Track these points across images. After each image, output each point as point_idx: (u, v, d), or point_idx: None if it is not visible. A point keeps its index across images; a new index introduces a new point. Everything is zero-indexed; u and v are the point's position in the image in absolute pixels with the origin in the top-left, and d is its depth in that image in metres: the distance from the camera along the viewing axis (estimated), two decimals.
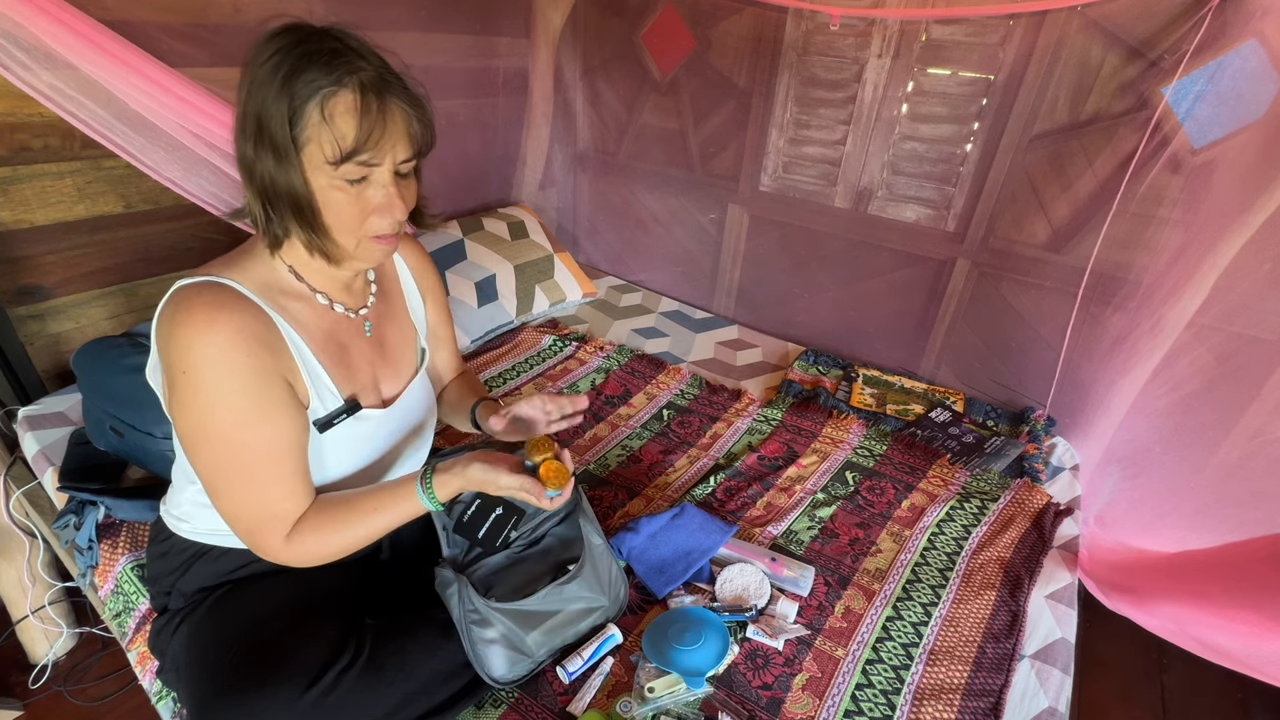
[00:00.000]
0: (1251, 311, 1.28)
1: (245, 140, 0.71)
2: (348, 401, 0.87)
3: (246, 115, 0.69)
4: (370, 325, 0.94)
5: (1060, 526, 1.37)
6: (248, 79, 0.69)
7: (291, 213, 0.73)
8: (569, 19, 2.20)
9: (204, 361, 0.72)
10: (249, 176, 0.73)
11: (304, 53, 0.67)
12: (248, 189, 0.74)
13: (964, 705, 1.01)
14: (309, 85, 0.66)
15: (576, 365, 1.88)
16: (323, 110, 0.67)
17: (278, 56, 0.67)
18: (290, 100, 0.66)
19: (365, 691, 0.83)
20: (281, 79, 0.66)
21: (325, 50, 0.67)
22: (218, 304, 0.74)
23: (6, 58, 1.07)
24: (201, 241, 1.65)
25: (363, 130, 0.69)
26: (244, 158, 0.72)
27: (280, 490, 0.80)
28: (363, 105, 0.68)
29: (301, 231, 0.75)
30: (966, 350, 1.90)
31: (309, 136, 0.68)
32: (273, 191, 0.72)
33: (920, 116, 1.76)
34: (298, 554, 0.82)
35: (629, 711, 0.94)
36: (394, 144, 0.72)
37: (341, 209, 0.73)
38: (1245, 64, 1.28)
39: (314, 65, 0.66)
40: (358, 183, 0.73)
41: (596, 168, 2.47)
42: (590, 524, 1.11)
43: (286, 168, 0.69)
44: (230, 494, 0.79)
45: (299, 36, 0.68)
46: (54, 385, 1.53)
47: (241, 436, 0.75)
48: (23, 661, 1.54)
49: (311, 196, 0.72)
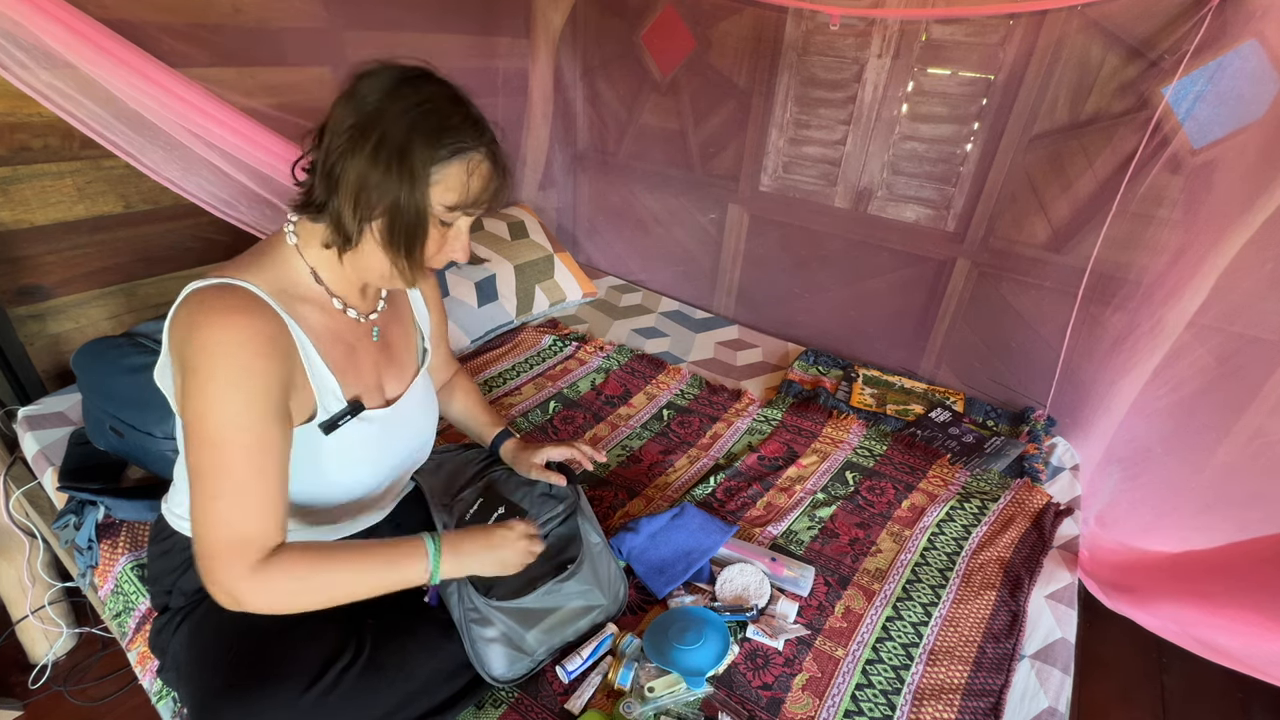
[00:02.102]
0: (1251, 311, 1.29)
1: (373, 163, 0.75)
2: (351, 403, 0.88)
3: (384, 143, 0.74)
4: (378, 331, 0.96)
5: (1060, 526, 1.37)
6: (386, 112, 0.75)
7: (404, 235, 0.79)
8: (569, 19, 2.20)
9: (216, 360, 0.73)
10: (358, 190, 0.76)
11: (454, 112, 0.78)
12: (345, 197, 0.77)
13: (964, 705, 1.01)
14: (460, 143, 0.77)
15: (576, 365, 1.88)
16: (468, 168, 0.79)
17: (427, 105, 0.76)
18: (438, 148, 0.76)
19: (366, 691, 0.83)
20: (435, 128, 0.76)
21: (469, 116, 0.79)
22: (235, 306, 0.75)
23: (6, 58, 1.07)
24: (201, 241, 1.65)
25: (485, 191, 0.81)
26: (360, 174, 0.75)
27: (257, 505, 0.75)
28: (493, 173, 0.82)
29: (396, 252, 0.80)
30: (966, 350, 1.90)
31: (442, 180, 0.78)
32: (387, 211, 0.77)
33: (920, 116, 1.76)
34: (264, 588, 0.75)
35: (630, 712, 0.94)
36: (490, 204, 0.84)
37: (430, 243, 0.82)
38: (1245, 64, 1.28)
39: (464, 128, 0.78)
40: (446, 225, 0.82)
41: (596, 168, 2.47)
42: (589, 523, 1.11)
43: (416, 197, 0.77)
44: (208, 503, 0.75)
45: (445, 93, 0.79)
46: (54, 385, 1.53)
47: (236, 438, 0.75)
48: (23, 661, 1.54)
49: (428, 226, 0.79)
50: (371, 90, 0.76)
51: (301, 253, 0.85)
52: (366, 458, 0.93)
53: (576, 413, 1.68)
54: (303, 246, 0.85)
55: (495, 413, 1.26)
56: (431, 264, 0.85)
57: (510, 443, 1.19)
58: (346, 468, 0.90)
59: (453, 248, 0.85)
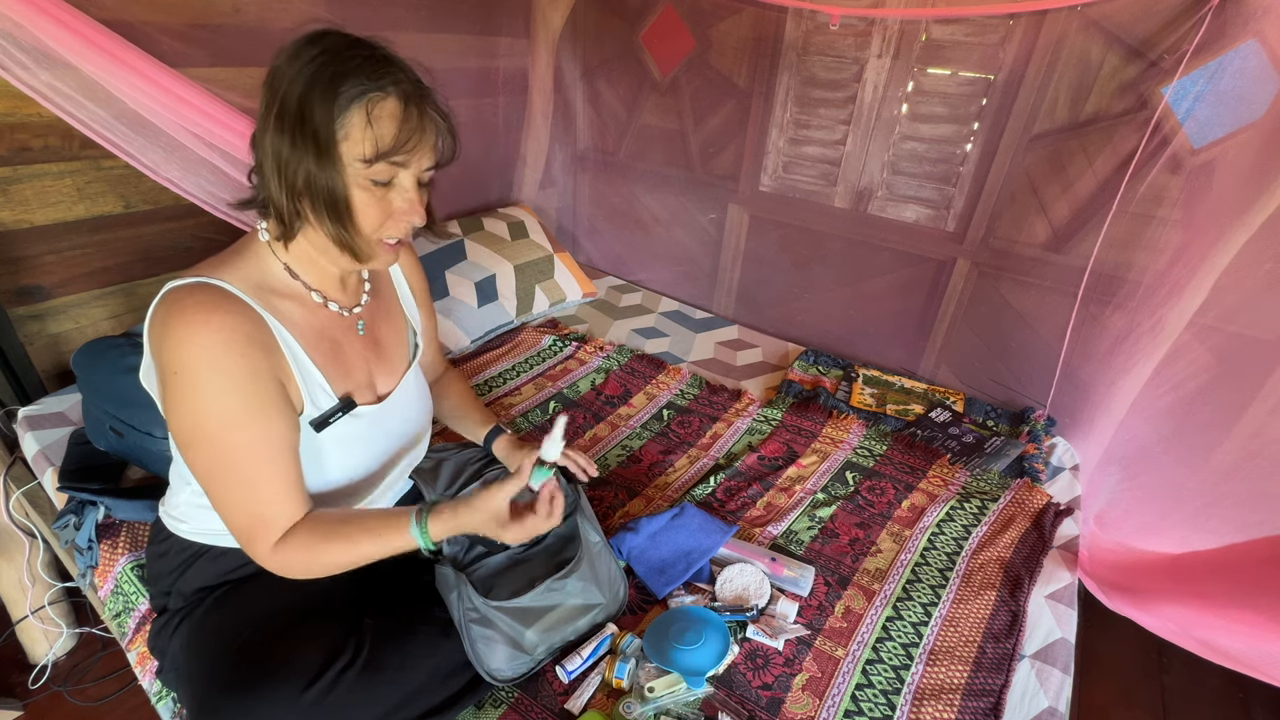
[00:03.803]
0: (1251, 311, 1.28)
1: (280, 134, 0.72)
2: (342, 400, 0.87)
3: (285, 111, 0.71)
4: (364, 324, 0.94)
5: (1060, 526, 1.37)
6: (286, 76, 0.71)
7: (325, 206, 0.74)
8: (569, 19, 2.20)
9: (196, 362, 0.73)
10: (278, 169, 0.73)
11: (350, 56, 0.71)
12: (272, 181, 0.75)
13: (964, 705, 1.01)
14: (356, 87, 0.70)
15: (576, 365, 1.88)
16: (368, 112, 0.71)
17: (324, 58, 0.71)
18: (336, 99, 0.70)
19: (365, 691, 0.83)
20: (329, 78, 0.70)
21: (370, 57, 0.72)
22: (210, 305, 0.74)
23: (6, 58, 1.07)
24: (201, 241, 1.65)
25: (402, 134, 0.73)
26: (275, 151, 0.73)
27: (269, 492, 0.79)
28: (404, 112, 0.73)
29: (332, 226, 0.76)
30: (966, 350, 1.90)
31: (347, 134, 0.72)
32: (305, 184, 0.73)
33: (920, 116, 1.76)
34: (284, 564, 0.81)
35: (631, 712, 0.94)
36: (423, 152, 0.77)
37: (365, 209, 0.76)
38: (1245, 64, 1.28)
39: (361, 70, 0.71)
40: (383, 185, 0.76)
41: (596, 168, 2.47)
42: (588, 522, 1.11)
43: (325, 163, 0.72)
44: (223, 495, 0.79)
45: (343, 42, 0.73)
46: (54, 385, 1.53)
47: (234, 437, 0.75)
48: (23, 661, 1.54)
49: (348, 190, 0.74)
50: (279, 63, 0.73)
51: (273, 249, 0.84)
52: (360, 454, 0.92)
53: (576, 413, 1.68)
54: (273, 242, 0.84)
55: (487, 410, 1.24)
56: (382, 233, 0.79)
57: (503, 439, 1.17)
58: (340, 465, 0.90)
59: (400, 210, 0.78)
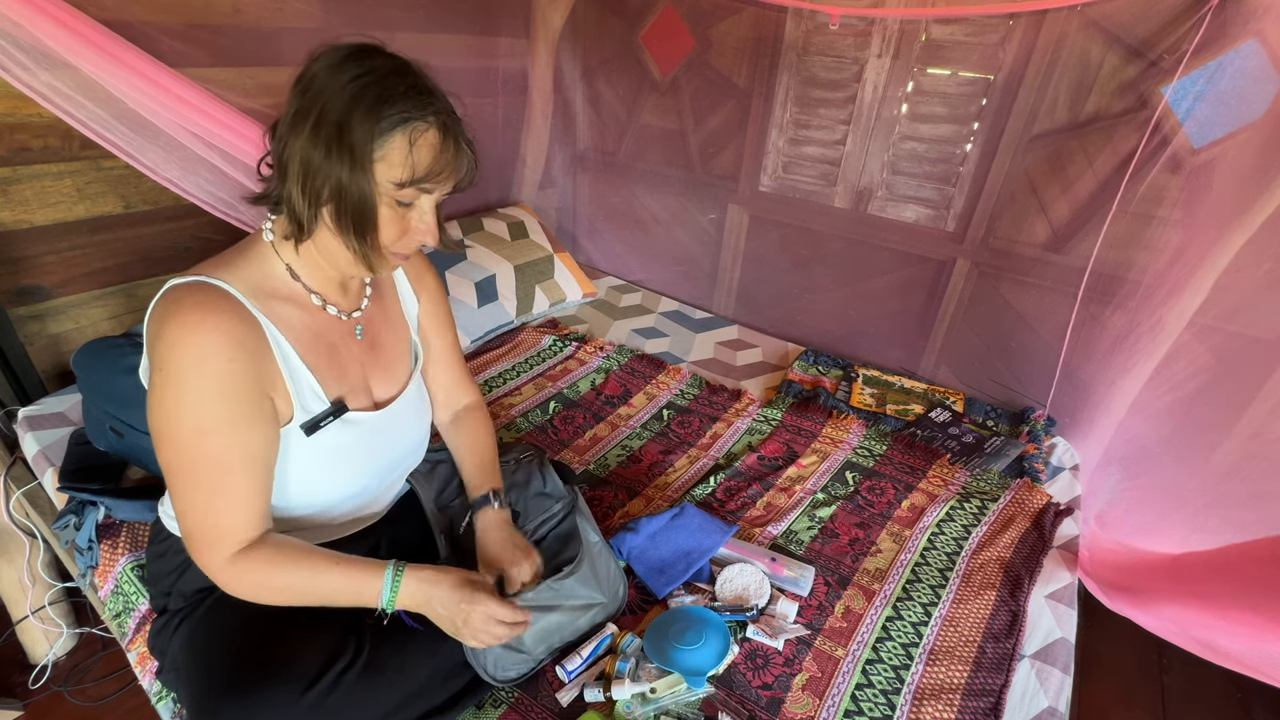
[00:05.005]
0: (1251, 311, 1.28)
1: (313, 141, 0.73)
2: (334, 404, 0.87)
3: (323, 121, 0.72)
4: (362, 329, 0.94)
5: (1060, 526, 1.37)
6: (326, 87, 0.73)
7: (351, 217, 0.76)
8: (569, 19, 2.20)
9: (182, 361, 0.73)
10: (303, 173, 0.74)
11: (396, 82, 0.74)
12: (293, 183, 0.75)
13: (964, 705, 1.01)
14: (400, 113, 0.73)
15: (576, 365, 1.88)
16: (410, 140, 0.74)
17: (369, 79, 0.73)
18: (379, 121, 0.72)
19: (365, 692, 0.83)
20: (374, 99, 0.72)
21: (415, 86, 0.75)
22: (205, 305, 0.75)
23: (6, 58, 1.07)
24: (201, 241, 1.65)
25: (437, 164, 0.77)
26: (304, 157, 0.74)
27: (231, 501, 0.78)
28: (442, 144, 0.77)
29: (353, 235, 0.78)
30: (966, 350, 1.90)
31: (385, 155, 0.74)
32: (332, 192, 0.75)
33: (920, 116, 1.76)
34: (234, 578, 0.80)
35: (631, 712, 0.94)
36: (448, 179, 0.80)
37: (386, 224, 0.79)
38: (1245, 64, 1.28)
39: (407, 97, 0.74)
40: (405, 205, 0.78)
41: (596, 168, 2.47)
42: (587, 522, 1.11)
43: (359, 176, 0.74)
44: (185, 496, 0.78)
45: (389, 65, 0.75)
46: (54, 385, 1.53)
47: (206, 441, 0.75)
48: (23, 662, 1.54)
49: (377, 206, 0.77)
50: (317, 70, 0.74)
51: (277, 249, 0.84)
52: (354, 461, 0.92)
53: (576, 413, 1.68)
54: (278, 243, 0.84)
55: (492, 469, 1.10)
56: (396, 249, 0.82)
57: (490, 514, 1.02)
58: (333, 472, 0.90)
59: (417, 230, 0.81)
